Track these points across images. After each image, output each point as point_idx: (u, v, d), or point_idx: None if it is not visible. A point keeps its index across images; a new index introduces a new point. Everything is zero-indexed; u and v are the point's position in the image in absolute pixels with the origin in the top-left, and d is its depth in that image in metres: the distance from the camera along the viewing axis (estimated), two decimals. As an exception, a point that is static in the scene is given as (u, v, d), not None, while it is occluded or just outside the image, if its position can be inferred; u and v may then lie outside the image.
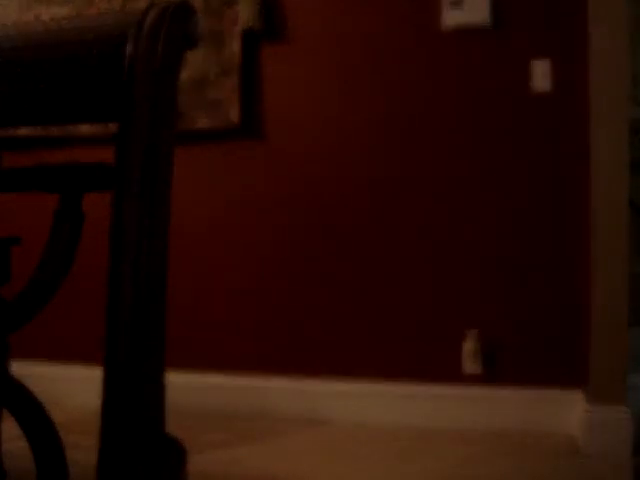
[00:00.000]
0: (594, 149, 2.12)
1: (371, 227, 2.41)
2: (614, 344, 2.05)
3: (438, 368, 2.34)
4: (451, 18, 2.32)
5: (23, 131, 2.63)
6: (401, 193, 2.38)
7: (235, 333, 2.53)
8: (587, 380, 2.12)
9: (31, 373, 1.47)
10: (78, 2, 2.63)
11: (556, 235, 2.27)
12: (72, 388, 2.58)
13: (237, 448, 2.12)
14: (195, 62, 2.49)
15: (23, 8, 2.71)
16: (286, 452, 2.08)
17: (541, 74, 2.27)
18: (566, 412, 2.22)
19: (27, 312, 1.05)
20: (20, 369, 1.32)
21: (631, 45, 2.06)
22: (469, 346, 2.31)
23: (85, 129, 2.60)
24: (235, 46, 2.47)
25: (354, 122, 2.43)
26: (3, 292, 1.26)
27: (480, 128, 2.32)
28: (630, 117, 2.07)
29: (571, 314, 2.25)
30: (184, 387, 2.46)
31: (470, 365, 2.31)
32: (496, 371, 2.31)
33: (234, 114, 2.47)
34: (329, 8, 2.45)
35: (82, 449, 1.21)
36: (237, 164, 2.53)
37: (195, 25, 1.02)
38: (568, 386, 2.24)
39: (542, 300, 2.27)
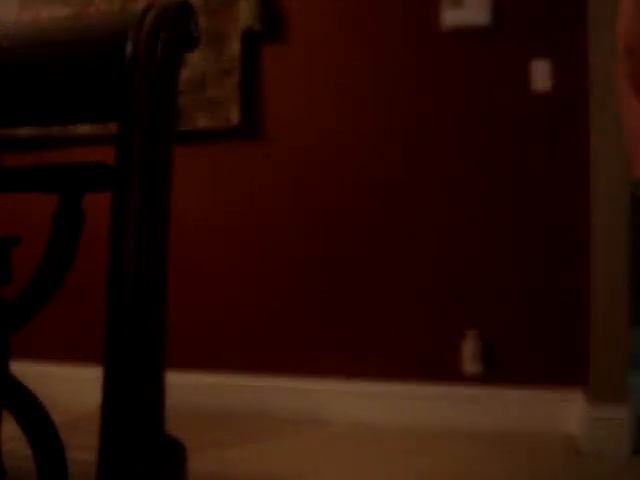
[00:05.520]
0: (594, 149, 2.13)
1: (371, 227, 2.41)
2: (614, 344, 2.05)
3: (438, 368, 2.34)
4: (451, 18, 2.32)
5: (23, 131, 2.63)
6: (401, 193, 2.38)
7: (235, 333, 2.52)
8: (587, 380, 2.12)
9: (31, 373, 1.47)
10: (78, 2, 2.63)
11: (556, 234, 2.27)
12: (72, 388, 2.58)
13: (237, 448, 2.11)
14: (195, 62, 2.49)
15: (23, 8, 2.70)
16: (286, 452, 2.08)
17: (541, 74, 2.27)
18: (566, 412, 2.22)
19: (27, 312, 1.05)
20: (20, 369, 1.32)
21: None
22: (469, 346, 2.31)
23: (85, 129, 2.60)
24: (235, 46, 2.47)
25: (354, 122, 2.43)
26: (3, 292, 1.26)
27: (480, 128, 2.32)
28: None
29: (571, 314, 2.25)
30: (184, 387, 2.46)
31: (470, 365, 2.31)
32: (496, 371, 2.31)
33: (234, 114, 2.47)
34: (329, 8, 2.45)
35: (82, 449, 1.21)
36: (237, 164, 2.53)
37: (195, 25, 1.02)
38: (568, 386, 2.24)
39: (542, 300, 2.27)
